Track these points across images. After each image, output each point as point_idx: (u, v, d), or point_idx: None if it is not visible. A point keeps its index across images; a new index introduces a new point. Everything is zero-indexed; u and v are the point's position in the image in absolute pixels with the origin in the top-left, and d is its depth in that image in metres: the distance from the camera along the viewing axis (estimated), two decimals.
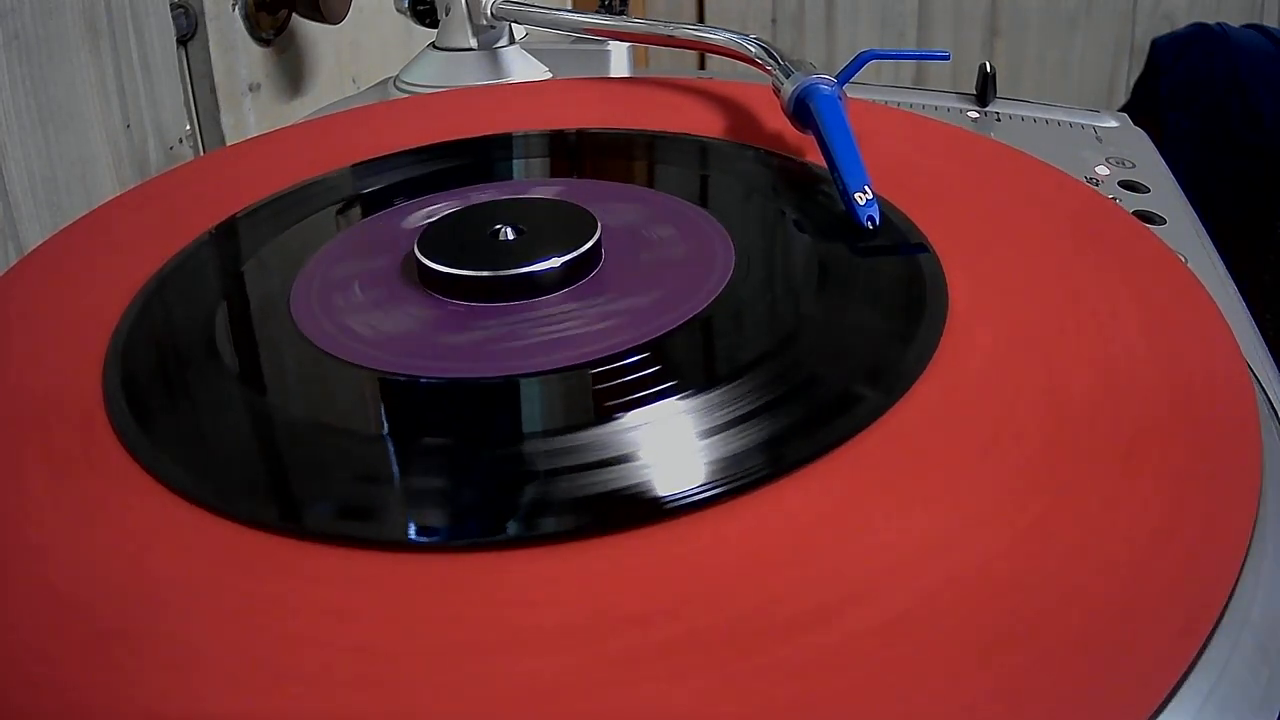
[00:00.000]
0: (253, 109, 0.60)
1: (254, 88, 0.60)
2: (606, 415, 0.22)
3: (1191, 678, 0.16)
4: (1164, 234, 0.37)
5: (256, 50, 0.60)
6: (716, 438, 0.21)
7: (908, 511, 0.19)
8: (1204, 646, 0.17)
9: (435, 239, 0.28)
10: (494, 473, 0.21)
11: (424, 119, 0.39)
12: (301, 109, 0.64)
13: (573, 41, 0.57)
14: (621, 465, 0.20)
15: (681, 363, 0.24)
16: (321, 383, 0.24)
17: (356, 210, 0.33)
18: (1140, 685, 0.16)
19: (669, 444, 0.21)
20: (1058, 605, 0.17)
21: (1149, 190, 0.41)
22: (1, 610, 0.18)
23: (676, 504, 0.19)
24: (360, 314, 0.26)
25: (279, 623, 0.18)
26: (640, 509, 0.19)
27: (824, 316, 0.25)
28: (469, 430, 0.22)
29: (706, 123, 0.37)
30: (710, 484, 0.20)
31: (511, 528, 0.19)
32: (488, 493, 0.20)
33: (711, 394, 0.22)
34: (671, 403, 0.22)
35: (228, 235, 0.32)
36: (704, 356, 0.25)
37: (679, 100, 0.40)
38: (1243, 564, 0.18)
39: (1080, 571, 0.18)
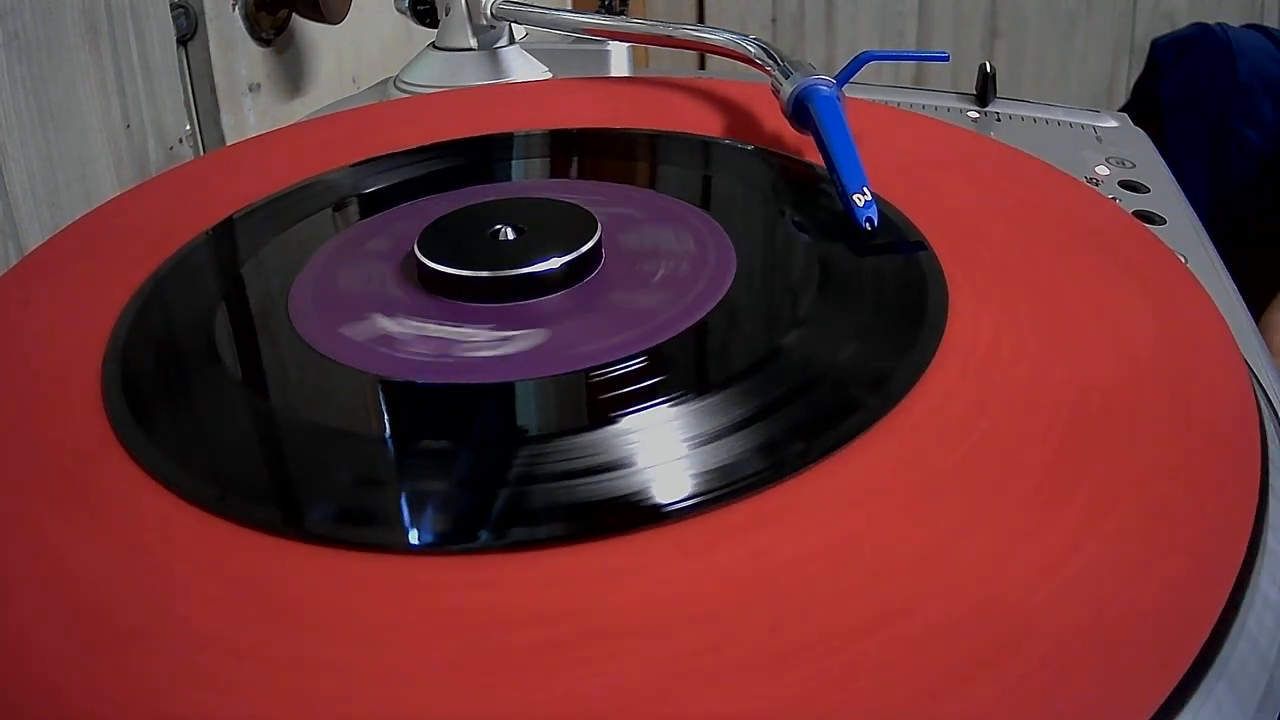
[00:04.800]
0: (253, 109, 0.60)
1: (254, 88, 0.60)
2: (606, 419, 0.22)
3: (1190, 679, 0.16)
4: (1164, 234, 0.37)
5: (256, 50, 0.60)
6: (715, 443, 0.21)
7: (908, 514, 0.19)
8: (1204, 647, 0.17)
9: (435, 239, 0.28)
10: (492, 476, 0.21)
11: (424, 119, 0.39)
12: (301, 109, 0.64)
13: (573, 41, 0.57)
14: (622, 470, 0.20)
15: (682, 366, 0.24)
16: (319, 385, 0.24)
17: (356, 210, 0.33)
18: (1139, 687, 0.16)
19: (668, 449, 0.21)
20: (1056, 606, 0.17)
21: (1149, 190, 0.41)
22: (3, 611, 0.19)
23: (676, 509, 0.19)
24: (359, 314, 0.26)
25: (277, 623, 0.18)
26: (639, 514, 0.19)
27: (823, 319, 0.25)
28: (467, 433, 0.22)
29: (706, 123, 0.37)
30: (709, 489, 0.20)
31: (508, 532, 0.19)
32: (485, 496, 0.20)
33: (711, 398, 0.22)
34: (671, 407, 0.22)
35: (227, 235, 0.32)
36: (705, 360, 0.25)
37: (679, 100, 0.40)
38: (1243, 563, 0.18)
39: (1078, 573, 0.18)
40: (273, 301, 0.27)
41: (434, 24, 0.52)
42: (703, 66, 0.91)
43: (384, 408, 0.24)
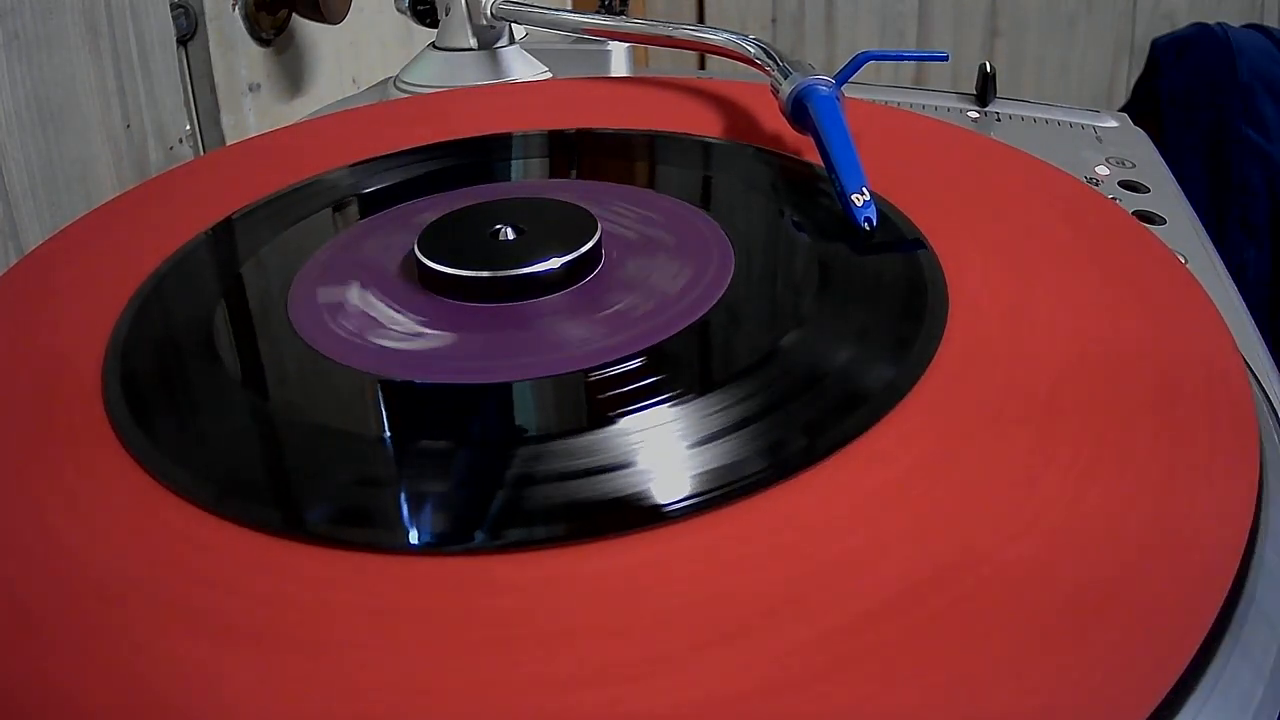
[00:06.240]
0: (253, 109, 0.60)
1: (254, 88, 0.60)
2: (605, 419, 0.22)
3: (1189, 677, 0.16)
4: (1164, 234, 0.37)
5: (256, 50, 0.60)
6: (714, 443, 0.21)
7: (908, 513, 0.19)
8: (1203, 645, 0.17)
9: (435, 239, 0.28)
10: (491, 476, 0.21)
11: (424, 119, 0.39)
12: (301, 109, 0.64)
13: (573, 41, 0.57)
14: (621, 470, 0.20)
15: (681, 366, 0.24)
16: (319, 384, 0.24)
17: (356, 210, 0.33)
18: (1140, 683, 0.16)
19: (667, 449, 0.21)
20: (1055, 603, 0.17)
21: (1149, 190, 0.41)
22: (4, 608, 0.19)
23: (676, 509, 0.19)
24: (359, 314, 0.26)
25: (277, 624, 0.18)
26: (639, 515, 0.19)
27: (823, 319, 0.25)
28: (466, 434, 0.22)
29: (706, 123, 0.37)
30: (709, 489, 0.20)
31: (506, 533, 0.19)
32: (484, 497, 0.20)
33: (710, 398, 0.22)
34: (670, 407, 0.22)
35: (226, 235, 0.32)
36: (703, 360, 0.25)
37: (679, 100, 0.40)
38: (1242, 562, 0.18)
39: (1079, 571, 0.18)
40: (272, 301, 0.27)
41: (434, 24, 0.52)
42: (703, 66, 0.91)
43: (383, 408, 0.24)
